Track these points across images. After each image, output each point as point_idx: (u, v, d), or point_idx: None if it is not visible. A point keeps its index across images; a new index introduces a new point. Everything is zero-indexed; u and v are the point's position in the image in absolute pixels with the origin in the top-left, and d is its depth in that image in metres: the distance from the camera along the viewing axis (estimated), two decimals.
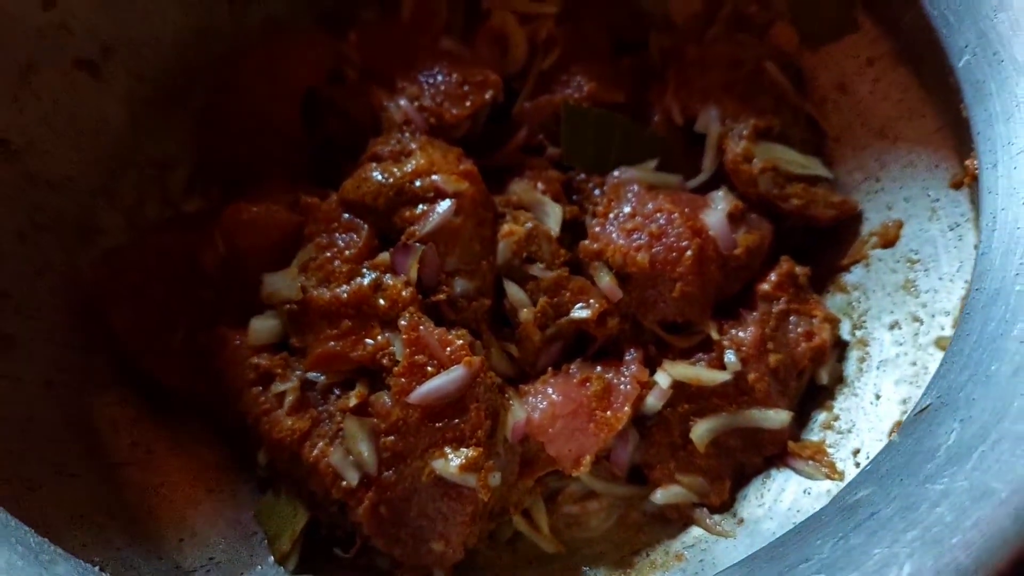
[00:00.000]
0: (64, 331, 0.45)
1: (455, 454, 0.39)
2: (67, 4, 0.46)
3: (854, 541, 0.24)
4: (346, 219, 0.44)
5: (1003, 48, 0.34)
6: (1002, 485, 0.24)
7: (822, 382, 0.44)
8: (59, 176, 0.46)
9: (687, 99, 0.47)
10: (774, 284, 0.44)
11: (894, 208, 0.44)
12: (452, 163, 0.43)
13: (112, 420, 0.44)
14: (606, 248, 0.43)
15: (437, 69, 0.48)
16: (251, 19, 0.52)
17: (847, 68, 0.47)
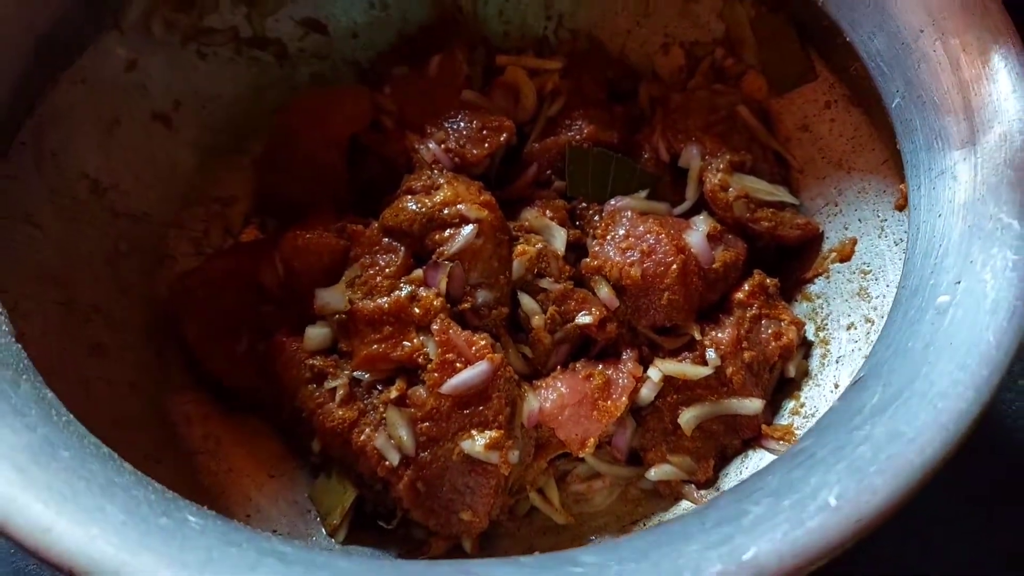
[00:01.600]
0: (145, 340, 0.50)
1: (480, 436, 0.45)
2: (145, 67, 0.52)
3: (796, 475, 0.31)
4: (386, 242, 0.49)
5: (924, 92, 0.41)
6: (909, 429, 0.31)
7: (790, 375, 0.49)
8: (139, 211, 0.52)
9: (672, 139, 0.53)
10: (748, 293, 0.50)
11: (849, 228, 0.50)
12: (474, 194, 0.49)
13: (186, 416, 0.50)
14: (604, 264, 0.49)
15: (460, 117, 0.54)
16: (300, 77, 0.58)
17: (808, 111, 0.53)
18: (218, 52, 0.55)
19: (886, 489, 0.29)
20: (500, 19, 0.59)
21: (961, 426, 0.30)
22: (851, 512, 0.28)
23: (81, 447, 0.31)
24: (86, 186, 0.49)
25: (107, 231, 0.50)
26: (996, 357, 0.31)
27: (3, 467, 0.28)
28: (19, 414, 0.31)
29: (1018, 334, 0.32)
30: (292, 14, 0.56)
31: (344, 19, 0.58)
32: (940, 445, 0.30)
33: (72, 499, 0.28)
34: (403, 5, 0.58)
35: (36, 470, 0.29)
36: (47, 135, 0.47)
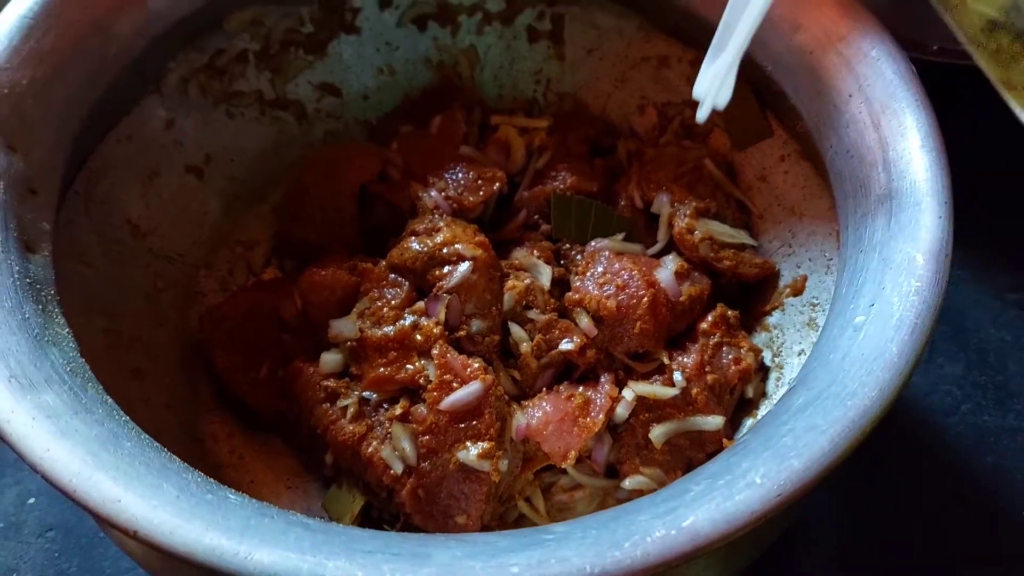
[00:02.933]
0: (179, 366, 0.56)
1: (474, 446, 0.49)
2: (181, 125, 0.58)
3: (732, 461, 0.37)
4: (392, 278, 0.55)
5: (852, 148, 0.47)
6: (823, 423, 0.37)
7: (748, 396, 0.54)
8: (174, 252, 0.58)
9: (645, 188, 0.59)
10: (711, 323, 0.55)
11: (801, 266, 0.56)
12: (470, 236, 0.55)
13: (214, 434, 0.55)
14: (584, 298, 0.54)
15: (458, 169, 0.60)
16: (316, 133, 0.65)
17: (766, 163, 0.59)
18: (245, 112, 0.62)
19: (801, 469, 0.35)
20: (495, 83, 0.66)
21: (866, 419, 0.36)
22: (772, 487, 0.35)
23: (139, 440, 0.37)
24: (129, 230, 0.56)
25: (146, 270, 0.56)
26: (897, 364, 0.38)
27: (79, 452, 0.34)
28: (89, 412, 0.37)
29: (916, 345, 0.38)
30: (310, 79, 0.63)
31: (356, 83, 0.65)
32: (847, 434, 0.36)
33: (136, 478, 0.34)
34: (409, 71, 0.65)
35: (105, 455, 0.35)
36: (96, 185, 0.53)
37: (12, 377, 0.36)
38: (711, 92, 0.31)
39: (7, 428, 0.34)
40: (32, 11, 0.47)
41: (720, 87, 0.30)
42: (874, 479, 0.57)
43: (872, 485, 0.57)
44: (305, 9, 0.60)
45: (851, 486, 0.56)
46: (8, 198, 0.43)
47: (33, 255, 0.43)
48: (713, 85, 0.31)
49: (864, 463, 0.38)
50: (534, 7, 0.63)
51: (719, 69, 0.30)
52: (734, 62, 0.31)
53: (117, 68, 0.51)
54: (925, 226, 0.42)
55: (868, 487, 0.57)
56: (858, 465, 0.37)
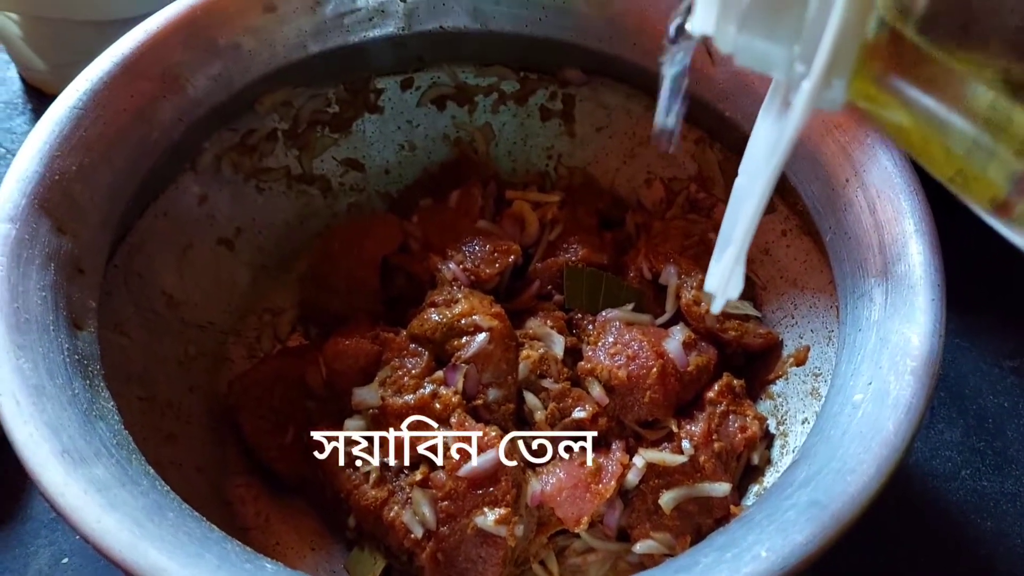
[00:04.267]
0: (208, 432, 0.58)
1: (491, 512, 0.52)
2: (214, 200, 0.61)
3: (738, 534, 0.39)
4: (412, 348, 0.58)
5: (849, 229, 0.50)
6: (825, 498, 0.39)
7: (754, 463, 0.56)
8: (205, 321, 0.61)
9: (653, 260, 0.62)
10: (718, 392, 0.57)
11: (804, 337, 0.58)
12: (487, 307, 0.58)
13: (241, 497, 0.57)
14: (596, 367, 0.56)
15: (475, 241, 0.63)
16: (340, 206, 0.68)
17: (769, 237, 0.61)
18: (273, 187, 0.65)
19: (805, 543, 0.37)
20: (509, 159, 0.70)
21: (865, 494, 0.39)
22: (777, 561, 0.37)
23: (181, 511, 0.40)
24: (164, 301, 0.58)
25: (179, 338, 0.59)
26: (894, 442, 0.40)
27: (127, 523, 0.37)
28: (135, 483, 0.40)
29: (912, 423, 0.41)
30: (335, 155, 0.67)
31: (378, 159, 0.68)
32: (848, 509, 0.38)
33: (179, 548, 0.37)
34: (428, 147, 0.69)
35: (151, 525, 0.37)
36: (134, 258, 0.56)
37: (65, 452, 0.39)
38: (721, 287, 0.33)
39: (61, 501, 0.37)
40: (81, 101, 0.50)
41: (729, 281, 0.33)
42: (877, 542, 0.59)
43: (875, 548, 0.59)
44: (332, 91, 0.64)
45: (854, 549, 0.57)
46: (59, 278, 0.45)
47: (80, 331, 0.45)
48: (722, 280, 0.33)
49: (867, 527, 0.40)
50: (546, 88, 0.66)
51: (726, 265, 0.33)
52: (739, 257, 0.33)
53: (158, 152, 0.54)
54: (920, 308, 0.44)
55: (871, 550, 0.59)
56: (861, 529, 0.39)
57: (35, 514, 0.60)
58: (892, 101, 0.27)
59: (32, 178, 0.47)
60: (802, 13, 0.27)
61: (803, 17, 0.27)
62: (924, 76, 0.25)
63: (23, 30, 0.77)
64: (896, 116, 0.27)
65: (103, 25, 0.70)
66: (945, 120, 0.25)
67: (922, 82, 0.26)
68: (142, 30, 0.54)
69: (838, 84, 0.28)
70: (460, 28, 0.62)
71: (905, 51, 0.25)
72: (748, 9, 0.28)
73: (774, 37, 0.28)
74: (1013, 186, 0.25)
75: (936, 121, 0.26)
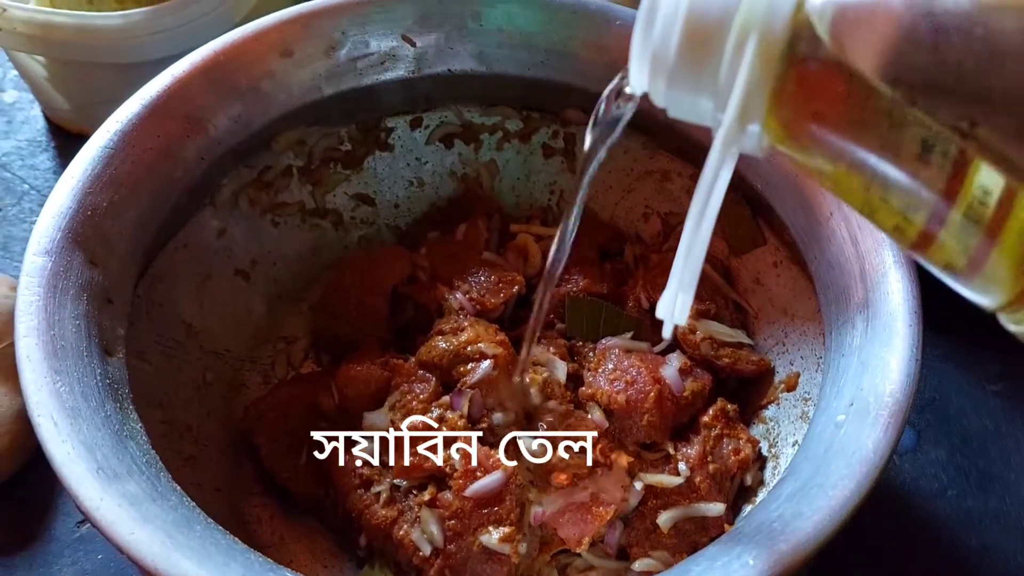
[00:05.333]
0: (225, 453, 0.60)
1: (496, 530, 0.54)
2: (232, 233, 0.64)
3: (728, 545, 0.41)
4: (420, 374, 0.60)
5: (833, 259, 0.52)
6: (808, 511, 0.42)
7: (747, 484, 0.59)
8: (221, 349, 0.64)
9: (651, 291, 0.64)
10: (712, 416, 0.60)
11: (794, 363, 0.61)
12: (491, 335, 0.60)
13: (257, 516, 0.60)
14: (596, 392, 0.59)
15: (481, 272, 0.66)
16: (351, 239, 0.71)
17: (760, 268, 0.64)
18: (288, 220, 0.68)
19: (789, 552, 0.40)
20: (513, 193, 0.73)
21: (845, 507, 0.41)
22: (763, 568, 0.39)
23: (207, 524, 0.43)
24: (183, 330, 0.61)
25: (197, 365, 0.62)
26: (872, 459, 0.43)
27: (159, 535, 0.40)
28: (164, 499, 0.42)
29: (890, 441, 0.43)
30: (347, 190, 0.70)
31: (388, 194, 0.71)
32: (829, 521, 0.41)
33: (208, 558, 0.40)
34: (436, 183, 0.72)
35: (181, 537, 0.40)
36: (156, 289, 0.59)
37: (99, 469, 0.41)
38: (668, 314, 0.36)
39: (97, 514, 0.40)
40: (112, 141, 0.54)
41: (675, 310, 0.36)
42: (866, 559, 0.61)
43: (864, 564, 0.61)
44: (344, 130, 0.67)
45: (842, 565, 0.60)
46: (91, 308, 0.48)
47: (111, 358, 0.48)
48: (669, 308, 0.37)
49: (857, 545, 0.43)
50: (548, 127, 0.70)
51: (669, 296, 0.36)
52: (680, 287, 0.37)
53: (181, 188, 0.57)
54: (898, 333, 0.47)
55: (860, 566, 0.61)
56: (850, 547, 0.42)
57: (59, 534, 0.62)
58: (806, 148, 0.30)
59: (66, 214, 0.50)
60: (718, 67, 0.30)
61: (719, 71, 0.30)
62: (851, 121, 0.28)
63: (48, 71, 0.81)
64: (815, 162, 0.31)
65: (125, 67, 0.74)
66: (873, 167, 0.28)
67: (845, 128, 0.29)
68: (169, 74, 0.57)
69: (753, 130, 0.31)
70: (466, 71, 0.65)
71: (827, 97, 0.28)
72: (673, 68, 0.31)
73: (698, 90, 0.32)
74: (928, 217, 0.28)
75: (860, 168, 0.29)
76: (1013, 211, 0.26)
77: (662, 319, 0.38)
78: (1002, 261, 0.27)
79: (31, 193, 0.81)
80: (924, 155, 0.27)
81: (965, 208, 0.27)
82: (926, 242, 0.29)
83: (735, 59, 0.29)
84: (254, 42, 0.60)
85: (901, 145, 0.27)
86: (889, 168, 0.28)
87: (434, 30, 0.64)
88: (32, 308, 0.47)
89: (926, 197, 0.27)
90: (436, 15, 0.64)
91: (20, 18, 0.71)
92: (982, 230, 0.27)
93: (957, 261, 0.29)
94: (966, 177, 0.26)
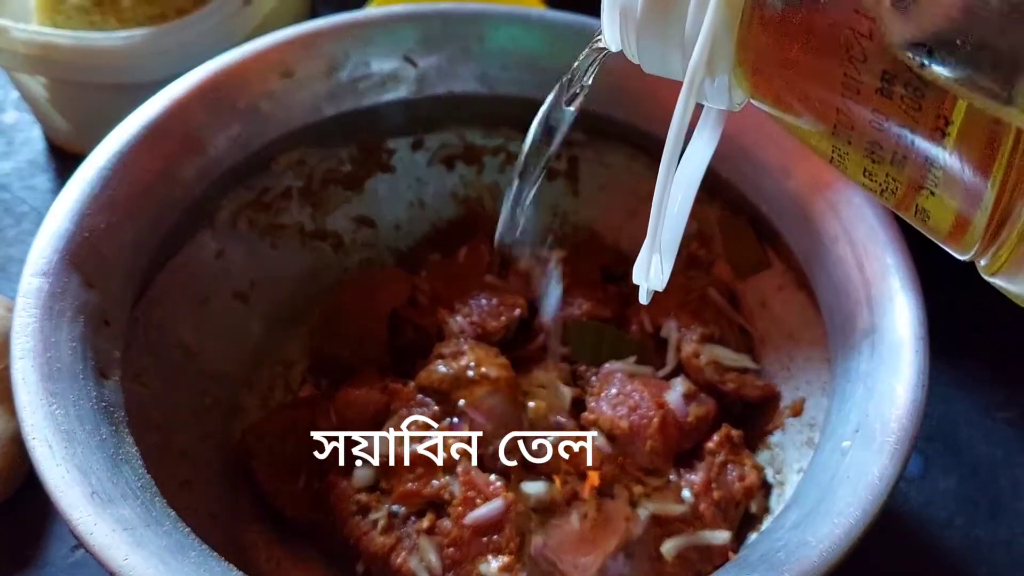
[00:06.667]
0: (221, 479, 0.59)
1: (495, 559, 0.53)
2: (230, 255, 0.63)
3: (731, 572, 0.41)
4: (420, 398, 0.59)
5: (839, 285, 0.52)
6: (813, 539, 0.41)
7: (752, 511, 0.58)
8: (219, 371, 0.63)
9: (655, 315, 0.64)
10: (717, 443, 0.59)
11: (800, 389, 0.60)
12: (492, 358, 0.60)
13: (254, 542, 0.59)
14: (599, 417, 0.58)
15: (482, 295, 0.65)
16: (351, 261, 0.70)
17: (766, 292, 0.64)
18: (287, 242, 0.67)
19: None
20: None
21: (851, 535, 0.40)
22: None
23: (202, 550, 0.42)
24: (180, 352, 0.60)
25: (194, 388, 0.61)
26: (878, 486, 0.42)
27: (153, 560, 0.39)
28: (159, 524, 0.42)
29: (896, 468, 0.42)
30: (348, 212, 0.69)
31: (389, 216, 0.71)
32: (835, 549, 0.40)
33: None
34: (437, 204, 0.71)
35: (175, 563, 0.39)
36: (154, 311, 0.58)
37: (94, 493, 0.41)
38: (643, 277, 0.36)
39: (90, 539, 0.39)
40: (110, 162, 0.53)
41: (648, 273, 0.35)
42: None
43: None
44: (345, 151, 0.67)
45: None
46: (87, 330, 0.48)
47: (106, 380, 0.48)
48: (643, 271, 0.36)
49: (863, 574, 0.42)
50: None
51: (643, 258, 0.36)
52: (652, 250, 0.36)
53: (179, 209, 0.57)
54: (904, 359, 0.47)
55: None
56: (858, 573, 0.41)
57: (53, 559, 0.61)
58: (777, 96, 0.30)
59: (64, 235, 0.50)
60: (684, 16, 0.30)
61: (685, 20, 0.30)
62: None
63: (49, 92, 0.80)
64: (786, 113, 0.30)
65: (126, 88, 0.73)
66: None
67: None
68: (167, 95, 0.57)
69: (721, 79, 0.31)
70: (468, 92, 0.65)
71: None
72: (641, 20, 0.31)
73: (667, 42, 0.31)
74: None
75: (825, 112, 0.28)
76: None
77: (637, 283, 0.38)
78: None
79: (30, 214, 0.80)
80: (885, 88, 0.26)
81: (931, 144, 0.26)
82: (897, 186, 0.29)
83: (700, 3, 0.29)
84: (254, 62, 0.60)
85: (861, 80, 0.27)
86: (851, 106, 0.27)
87: (436, 52, 0.64)
88: (28, 330, 0.47)
89: (889, 134, 0.27)
90: (439, 37, 0.63)
91: (22, 39, 0.71)
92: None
93: (928, 205, 0.28)
94: (925, 108, 0.26)
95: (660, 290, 0.38)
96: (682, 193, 0.37)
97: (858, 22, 0.26)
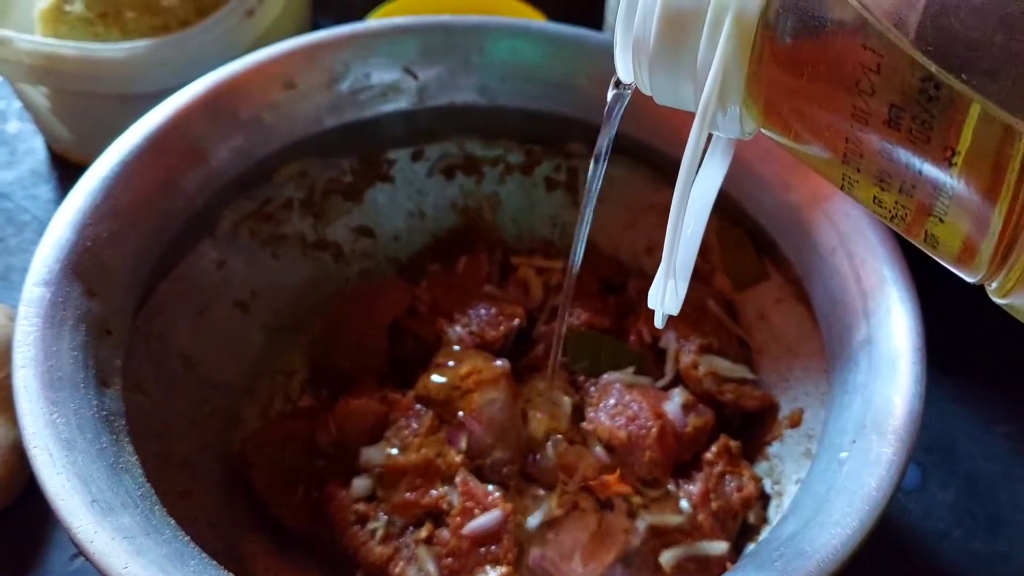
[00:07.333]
0: (221, 488, 0.59)
1: (493, 570, 0.53)
2: (231, 265, 0.64)
3: None
4: (418, 408, 0.60)
5: (836, 296, 0.52)
6: (811, 549, 0.41)
7: (751, 522, 0.58)
8: (219, 381, 0.63)
9: (653, 325, 0.65)
10: (715, 453, 0.59)
11: (798, 400, 0.60)
12: (491, 369, 0.60)
13: (253, 552, 0.58)
14: (598, 428, 0.58)
15: (481, 305, 0.65)
16: (351, 271, 0.70)
17: (764, 303, 0.64)
18: (288, 253, 0.68)
19: None
20: (514, 226, 0.72)
21: (848, 546, 0.41)
22: None
23: (202, 559, 0.42)
24: (181, 361, 0.60)
25: (194, 398, 0.61)
26: (875, 497, 0.42)
27: (153, 569, 0.39)
28: (158, 532, 0.42)
29: (893, 479, 0.43)
30: (348, 223, 0.70)
31: (389, 226, 0.71)
32: (832, 559, 0.40)
33: None
34: (436, 215, 0.72)
35: (175, 572, 0.39)
36: (155, 320, 0.58)
37: (94, 501, 0.41)
38: (658, 302, 0.36)
39: (90, 547, 0.39)
40: (112, 171, 0.54)
41: (663, 298, 0.36)
42: None
43: None
44: (346, 162, 0.67)
45: None
46: (89, 339, 0.48)
47: (107, 389, 0.48)
48: (659, 296, 0.37)
49: None
50: (551, 160, 0.70)
51: (658, 281, 0.36)
52: (667, 275, 0.37)
53: (181, 219, 0.57)
54: (901, 371, 0.47)
55: None
56: None
57: (53, 567, 0.62)
58: (787, 126, 0.30)
59: (66, 245, 0.50)
60: (696, 49, 0.30)
61: (697, 53, 0.30)
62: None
63: (51, 102, 0.81)
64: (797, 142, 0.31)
65: (129, 98, 0.74)
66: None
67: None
68: (170, 105, 0.57)
69: (732, 111, 0.31)
70: (469, 103, 0.65)
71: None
72: (653, 54, 0.31)
73: (679, 74, 0.32)
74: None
75: (834, 142, 0.29)
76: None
77: (652, 308, 0.38)
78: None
79: (32, 223, 0.81)
80: (893, 120, 0.27)
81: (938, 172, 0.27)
82: (906, 213, 0.29)
83: (712, 38, 0.29)
84: (256, 73, 0.60)
85: (870, 112, 0.27)
86: (861, 137, 0.28)
87: (437, 63, 0.64)
88: (30, 339, 0.47)
89: (898, 164, 0.27)
90: (440, 48, 0.64)
91: (25, 50, 0.71)
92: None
93: (937, 231, 0.29)
94: (933, 139, 0.26)
95: (675, 314, 0.38)
96: (695, 218, 0.37)
97: (866, 57, 0.26)
